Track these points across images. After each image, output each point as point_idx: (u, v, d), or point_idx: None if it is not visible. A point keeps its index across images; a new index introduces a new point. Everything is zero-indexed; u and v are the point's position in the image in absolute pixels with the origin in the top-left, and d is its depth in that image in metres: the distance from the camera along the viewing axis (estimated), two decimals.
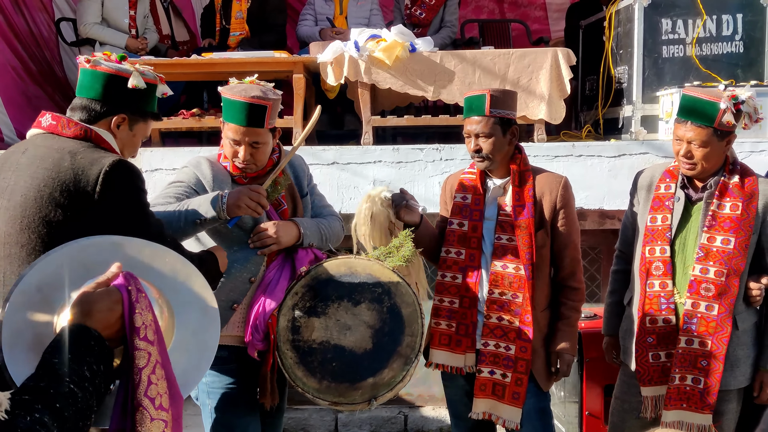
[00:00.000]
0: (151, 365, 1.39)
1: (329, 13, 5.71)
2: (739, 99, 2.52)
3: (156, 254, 1.61)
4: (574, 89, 4.94)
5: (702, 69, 4.55)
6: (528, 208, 2.68)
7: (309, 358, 2.42)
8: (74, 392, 1.22)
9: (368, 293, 2.46)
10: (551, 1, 7.28)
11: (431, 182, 4.19)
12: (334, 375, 2.42)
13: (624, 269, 2.89)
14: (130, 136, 2.21)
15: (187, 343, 1.59)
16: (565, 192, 2.73)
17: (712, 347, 2.55)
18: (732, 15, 4.61)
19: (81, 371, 1.25)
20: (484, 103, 2.66)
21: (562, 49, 4.52)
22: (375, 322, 2.45)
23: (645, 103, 4.60)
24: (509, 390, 2.67)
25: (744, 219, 2.55)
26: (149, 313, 1.42)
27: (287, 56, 4.76)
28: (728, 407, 2.65)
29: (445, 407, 4.46)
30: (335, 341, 2.43)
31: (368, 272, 2.49)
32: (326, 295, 2.46)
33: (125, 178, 2.02)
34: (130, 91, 2.14)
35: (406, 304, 2.48)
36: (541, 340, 2.73)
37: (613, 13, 4.90)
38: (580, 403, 3.54)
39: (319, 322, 2.44)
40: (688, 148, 2.56)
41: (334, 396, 2.43)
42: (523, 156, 2.78)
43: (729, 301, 2.55)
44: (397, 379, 2.45)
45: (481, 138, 2.69)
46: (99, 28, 5.39)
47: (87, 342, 1.30)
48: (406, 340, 2.46)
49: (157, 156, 4.27)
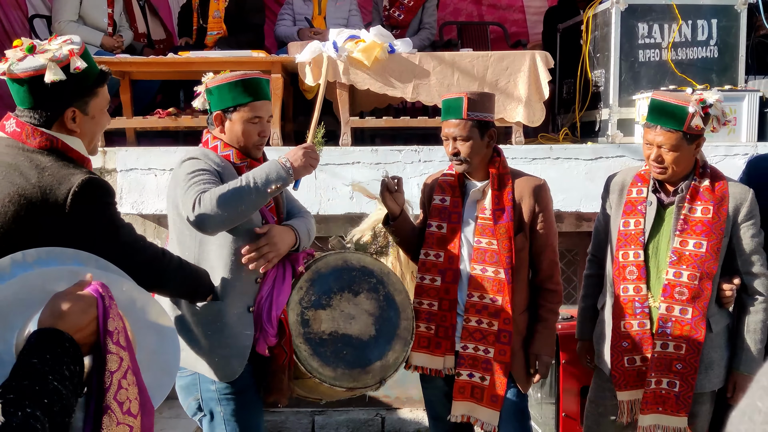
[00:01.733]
0: (123, 370, 1.38)
1: (308, 13, 5.69)
2: (707, 102, 2.53)
3: (113, 283, 1.59)
4: (551, 92, 4.96)
5: (677, 73, 4.61)
6: (507, 212, 2.69)
7: (321, 349, 2.51)
8: (58, 389, 1.22)
9: (365, 284, 2.62)
10: (529, 5, 7.33)
11: (410, 183, 4.19)
12: (347, 362, 2.54)
13: (597, 273, 2.91)
14: (89, 120, 2.02)
15: (148, 362, 1.59)
16: (544, 195, 2.75)
17: (686, 350, 2.58)
18: (707, 20, 4.67)
19: (61, 370, 1.25)
20: (461, 105, 2.66)
21: (541, 52, 4.55)
22: (374, 310, 2.61)
23: (621, 106, 4.65)
24: (488, 393, 2.68)
25: (715, 222, 2.57)
26: (120, 321, 1.41)
27: (265, 56, 4.73)
28: (702, 409, 2.67)
29: (422, 409, 4.46)
30: (343, 330, 2.55)
31: (362, 264, 2.64)
32: (328, 288, 2.56)
33: (95, 196, 1.92)
34: (61, 83, 1.91)
35: (398, 292, 2.67)
36: (520, 343, 2.75)
37: (590, 17, 4.94)
38: (556, 405, 3.56)
39: (326, 314, 2.54)
40: (658, 153, 2.57)
41: (349, 382, 2.54)
42: (502, 159, 2.78)
43: (702, 304, 2.58)
44: (399, 359, 2.64)
45: (458, 141, 2.68)
46: (74, 25, 5.31)
47: (62, 343, 1.29)
48: (402, 323, 2.66)
49: (132, 156, 4.21)
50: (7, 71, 1.91)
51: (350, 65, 4.44)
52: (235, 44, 5.33)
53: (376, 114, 5.24)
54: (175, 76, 5.02)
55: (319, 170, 4.18)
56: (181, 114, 4.72)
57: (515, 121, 4.48)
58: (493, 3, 7.36)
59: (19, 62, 1.92)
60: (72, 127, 1.99)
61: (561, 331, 3.47)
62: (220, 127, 2.48)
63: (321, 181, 4.21)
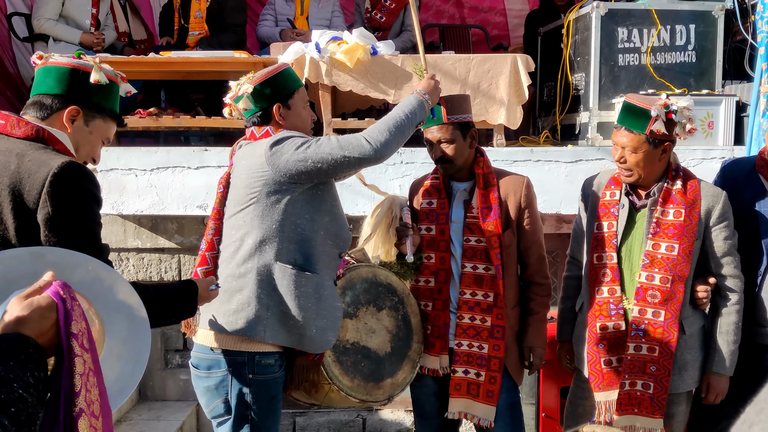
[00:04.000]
0: (86, 373, 1.36)
1: (290, 14, 5.68)
2: (670, 108, 2.54)
3: (79, 262, 1.56)
4: (532, 95, 5.00)
5: (656, 77, 4.66)
6: (494, 210, 2.74)
7: (344, 357, 2.55)
8: (24, 397, 1.18)
9: (389, 301, 2.71)
10: (511, 8, 7.37)
11: (392, 185, 4.20)
12: (364, 374, 2.59)
13: (576, 275, 2.93)
14: (85, 133, 2.05)
15: (119, 350, 1.56)
16: (529, 192, 2.81)
17: (660, 353, 2.60)
18: (685, 26, 4.72)
19: (25, 377, 1.21)
20: (440, 111, 2.71)
21: (522, 56, 4.58)
22: (393, 328, 2.70)
23: (601, 109, 4.69)
24: (483, 389, 2.72)
25: (687, 225, 2.60)
26: (83, 322, 1.38)
27: (247, 56, 4.72)
28: (678, 410, 2.70)
29: (403, 410, 4.47)
30: (364, 343, 2.61)
31: (389, 282, 2.73)
32: (357, 298, 2.63)
33: (75, 180, 1.88)
34: (87, 84, 2.03)
35: (414, 314, 2.78)
36: (513, 337, 2.81)
37: (571, 21, 4.98)
38: (536, 405, 3.59)
39: (352, 324, 2.59)
40: (621, 153, 2.61)
41: (363, 394, 2.58)
42: (485, 158, 2.84)
43: (675, 307, 2.61)
44: (407, 380, 2.72)
45: (443, 144, 2.74)
46: (53, 23, 5.27)
47: (26, 350, 1.26)
48: (414, 345, 2.75)
49: (113, 155, 4.19)
50: (45, 59, 2.04)
51: (333, 67, 4.44)
52: (217, 45, 5.31)
53: (359, 115, 5.24)
54: (156, 76, 4.99)
55: None
56: (162, 114, 4.70)
57: (497, 123, 4.51)
58: (475, 6, 7.39)
59: (61, 57, 2.06)
60: (67, 124, 2.01)
61: None
62: (278, 119, 2.50)
63: None
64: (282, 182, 2.38)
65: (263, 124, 2.51)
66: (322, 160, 2.34)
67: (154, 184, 4.22)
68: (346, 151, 2.35)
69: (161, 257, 4.57)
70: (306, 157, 2.34)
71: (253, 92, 2.48)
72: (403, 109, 2.48)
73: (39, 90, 2.05)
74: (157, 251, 4.56)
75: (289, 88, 2.53)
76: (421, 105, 2.51)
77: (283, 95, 2.51)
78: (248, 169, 2.43)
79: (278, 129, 2.49)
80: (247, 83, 2.49)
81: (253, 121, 2.52)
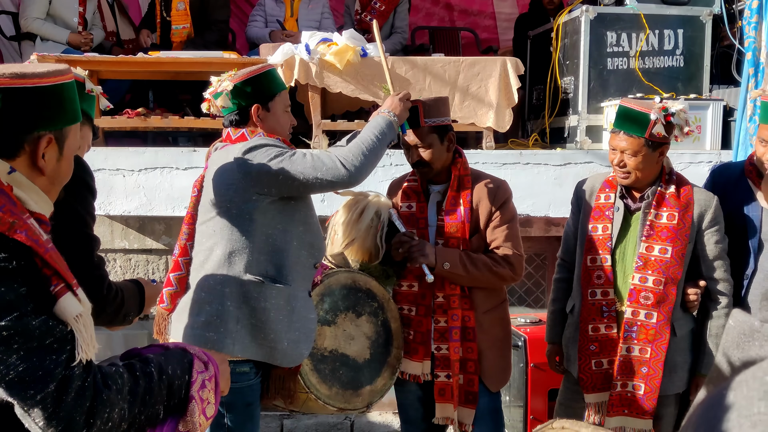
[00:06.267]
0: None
1: (280, 15, 5.66)
2: (669, 111, 2.58)
3: None
4: (521, 98, 5.01)
5: (644, 81, 4.69)
6: (461, 213, 2.68)
7: (321, 366, 2.51)
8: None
9: (368, 306, 2.64)
10: (500, 11, 7.39)
11: (381, 187, 4.17)
12: (342, 382, 2.55)
13: (566, 277, 2.93)
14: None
15: None
16: (501, 195, 2.71)
17: (651, 354, 2.62)
18: (673, 30, 4.76)
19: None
20: (417, 114, 2.66)
21: (511, 59, 4.59)
22: (372, 334, 2.64)
23: (590, 113, 4.71)
24: (463, 391, 2.70)
25: (680, 228, 2.62)
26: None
27: (236, 57, 4.70)
28: (667, 411, 2.72)
29: (391, 412, 4.46)
30: (342, 350, 2.56)
31: (368, 287, 2.66)
32: (336, 305, 2.57)
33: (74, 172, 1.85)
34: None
35: (394, 319, 2.71)
36: (487, 342, 2.73)
37: (560, 24, 5.00)
38: (524, 408, 3.59)
39: (330, 331, 2.54)
40: (621, 158, 2.62)
41: (341, 402, 2.54)
42: (463, 160, 2.77)
43: (667, 309, 2.62)
44: (387, 387, 2.68)
45: (420, 148, 2.68)
46: (41, 22, 5.22)
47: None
48: (394, 351, 2.70)
49: (100, 155, 4.15)
50: None
51: (322, 68, 4.43)
52: (202, 45, 5.26)
53: (348, 117, 5.23)
54: (144, 75, 4.96)
55: None
56: (151, 114, 4.67)
57: (486, 126, 4.51)
58: (465, 9, 7.41)
59: None
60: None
61: (530, 335, 3.51)
62: (256, 121, 2.44)
63: None
64: (252, 191, 2.32)
65: (240, 125, 2.45)
66: (294, 177, 2.29)
67: (141, 185, 4.19)
68: (319, 173, 2.30)
69: (149, 258, 4.54)
70: (277, 171, 2.28)
71: (233, 90, 2.42)
72: (373, 131, 2.43)
73: None
74: (145, 252, 4.53)
75: (271, 90, 2.47)
76: (389, 125, 2.48)
77: (264, 96, 2.45)
78: (220, 175, 2.38)
79: (255, 132, 2.43)
80: (228, 80, 2.43)
81: (231, 120, 2.47)
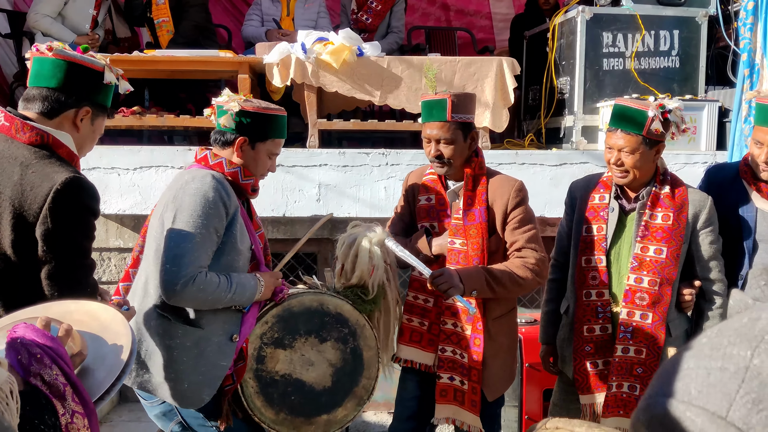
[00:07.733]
0: (68, 413, 1.31)
1: (276, 15, 5.66)
2: (666, 108, 2.60)
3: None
4: (517, 98, 5.02)
5: (640, 82, 4.70)
6: (479, 213, 2.63)
7: (269, 389, 2.43)
8: None
9: (335, 332, 2.51)
10: (497, 11, 7.40)
11: (377, 187, 4.19)
12: (292, 408, 2.45)
13: (560, 278, 2.93)
14: (90, 131, 2.08)
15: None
16: (517, 195, 2.66)
17: (647, 355, 2.62)
18: (669, 31, 4.77)
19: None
20: (445, 107, 2.59)
21: (507, 59, 4.59)
22: (337, 361, 2.51)
23: (586, 113, 4.72)
24: (467, 397, 2.65)
25: (675, 229, 2.62)
26: (54, 367, 1.32)
27: (233, 56, 4.69)
28: None
29: (386, 412, 4.46)
30: (297, 375, 2.46)
31: (338, 311, 2.52)
32: (295, 328, 2.47)
33: (76, 196, 1.90)
34: (95, 83, 2.03)
35: (368, 348, 2.56)
36: (493, 350, 2.67)
37: (556, 25, 5.01)
38: (519, 407, 3.59)
39: (285, 355, 2.45)
40: (618, 156, 2.61)
41: (289, 429, 2.46)
42: (480, 159, 2.71)
43: (662, 310, 2.62)
44: (348, 417, 2.54)
45: (442, 144, 2.61)
46: (50, 20, 5.19)
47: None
48: (362, 381, 2.55)
49: (96, 154, 4.14)
50: (55, 51, 1.99)
51: (318, 67, 4.43)
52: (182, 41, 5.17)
53: (344, 117, 5.23)
54: (140, 74, 4.94)
55: (286, 172, 4.18)
56: (146, 113, 4.66)
57: (482, 126, 4.52)
58: (461, 9, 7.41)
59: (66, 50, 2.02)
60: (77, 124, 2.02)
61: (525, 335, 3.50)
62: (237, 151, 2.39)
63: (287, 182, 4.19)
64: None
65: (225, 146, 2.41)
66: (165, 253, 2.22)
67: (137, 184, 4.18)
68: (167, 264, 2.20)
69: None
70: (168, 242, 2.23)
71: (238, 113, 2.38)
72: (237, 285, 2.30)
73: (46, 83, 2.01)
74: None
75: (267, 133, 2.43)
76: (252, 294, 2.34)
77: (256, 134, 2.40)
78: (163, 198, 2.37)
79: (218, 156, 2.40)
80: (237, 103, 2.39)
81: (216, 137, 2.43)
